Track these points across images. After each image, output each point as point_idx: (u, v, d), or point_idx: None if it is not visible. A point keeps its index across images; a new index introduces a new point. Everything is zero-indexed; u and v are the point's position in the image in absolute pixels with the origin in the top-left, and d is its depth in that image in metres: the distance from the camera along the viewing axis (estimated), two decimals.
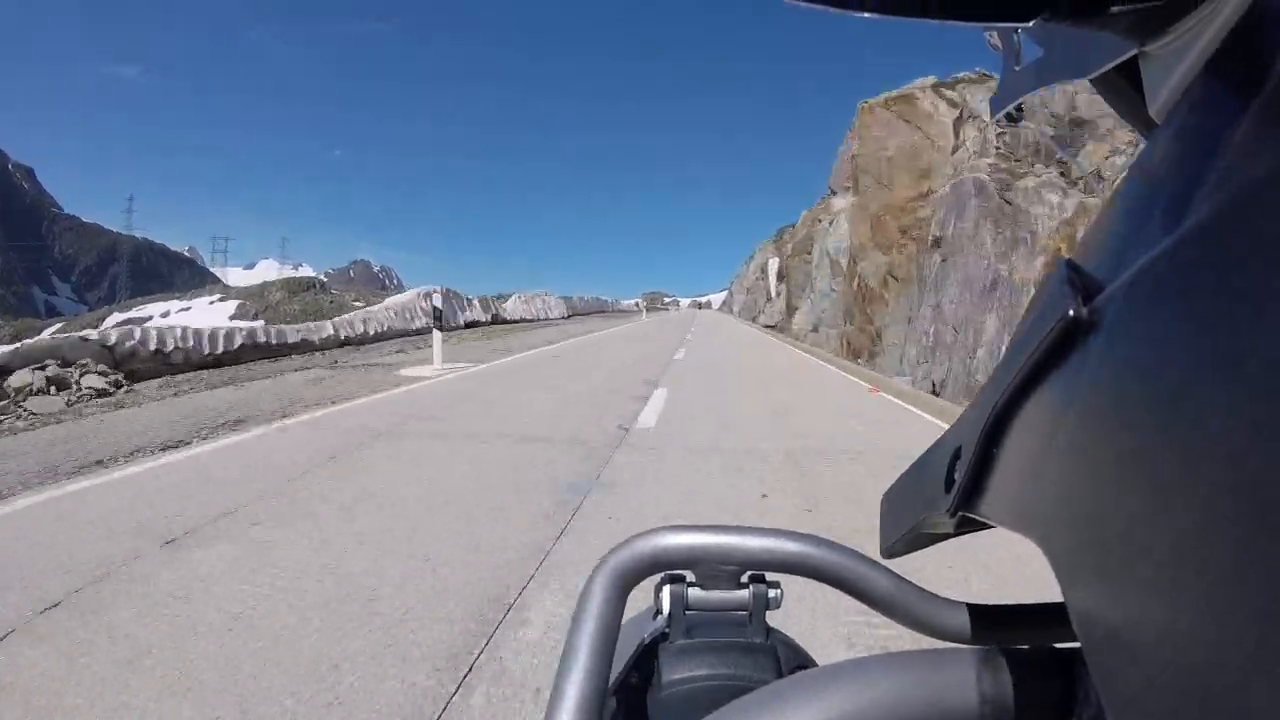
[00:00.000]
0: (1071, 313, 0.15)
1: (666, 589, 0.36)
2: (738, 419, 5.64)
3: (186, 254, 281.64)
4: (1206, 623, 0.10)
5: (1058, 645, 0.23)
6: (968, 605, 0.30)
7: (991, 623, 0.29)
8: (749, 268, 60.76)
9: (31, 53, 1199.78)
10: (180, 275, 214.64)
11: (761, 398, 7.18)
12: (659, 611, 0.37)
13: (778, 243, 49.42)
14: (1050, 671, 0.21)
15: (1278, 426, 0.09)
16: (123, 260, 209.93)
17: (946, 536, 0.27)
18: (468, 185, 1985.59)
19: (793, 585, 0.38)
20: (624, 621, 0.31)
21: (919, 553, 0.30)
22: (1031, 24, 0.21)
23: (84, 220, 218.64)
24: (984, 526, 0.23)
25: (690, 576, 0.35)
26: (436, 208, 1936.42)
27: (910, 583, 0.32)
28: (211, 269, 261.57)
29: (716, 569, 0.33)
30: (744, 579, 0.35)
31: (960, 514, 0.22)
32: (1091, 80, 0.21)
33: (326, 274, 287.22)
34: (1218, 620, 0.10)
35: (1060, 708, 0.21)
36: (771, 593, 0.36)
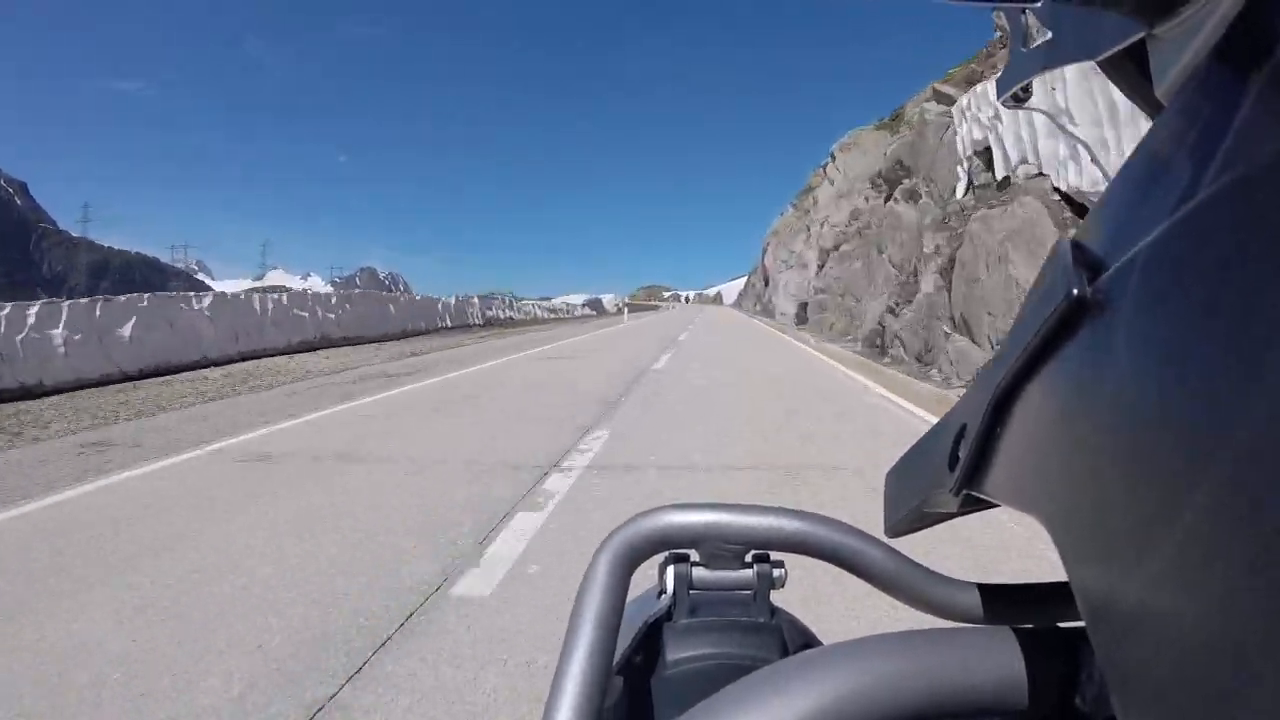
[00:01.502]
0: (1075, 292, 0.15)
1: (670, 568, 0.36)
2: None
3: (194, 268, 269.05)
4: (1211, 604, 0.10)
5: (1061, 624, 0.23)
6: (972, 585, 0.30)
7: (995, 602, 0.29)
8: (819, 199, 25.49)
9: (34, 69, 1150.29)
10: (176, 290, 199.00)
11: None
12: (663, 591, 0.37)
13: (889, 126, 18.98)
14: (1054, 651, 0.21)
15: None
16: (62, 272, 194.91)
17: (950, 516, 0.27)
18: (474, 189, 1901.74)
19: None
20: (628, 601, 0.31)
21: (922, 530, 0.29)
22: (1039, 4, 0.22)
23: (74, 235, 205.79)
24: (988, 505, 0.23)
25: (694, 556, 0.35)
26: (444, 213, 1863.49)
27: (914, 562, 0.31)
28: (214, 281, 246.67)
29: (720, 548, 0.33)
30: (748, 558, 0.35)
31: (964, 493, 0.22)
32: (1099, 62, 0.21)
33: (333, 282, 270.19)
34: (1223, 602, 0.10)
35: (1064, 687, 0.21)
36: (776, 572, 0.36)
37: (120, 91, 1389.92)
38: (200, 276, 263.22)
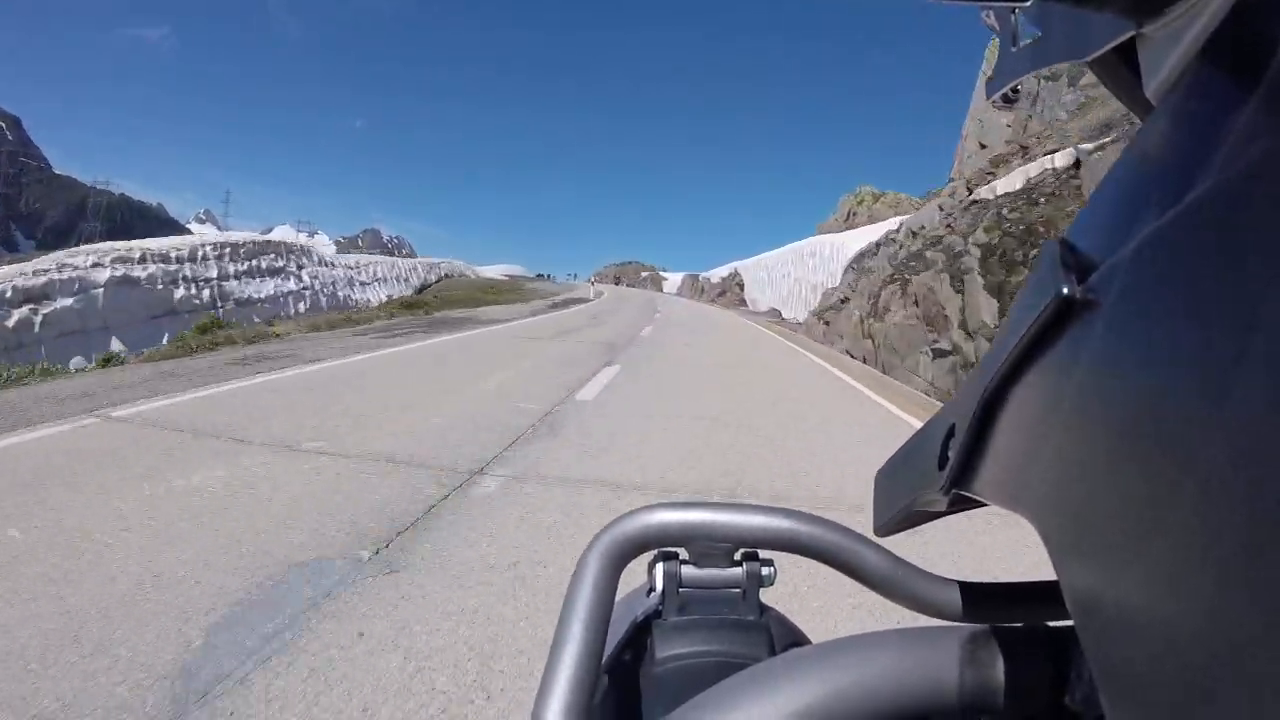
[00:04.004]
0: (1065, 291, 0.15)
1: (660, 566, 0.36)
2: None
3: (202, 217, 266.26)
4: (1202, 604, 0.10)
5: (1051, 624, 0.23)
6: (961, 583, 0.30)
7: (985, 601, 0.29)
8: None
9: (56, 16, 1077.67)
10: (159, 234, 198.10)
11: None
12: (652, 589, 0.37)
13: None
14: (1044, 650, 0.21)
15: (1275, 406, 0.09)
16: (40, 208, 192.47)
17: (940, 514, 0.27)
18: (487, 161, 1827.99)
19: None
20: (618, 599, 0.31)
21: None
22: (1029, 4, 0.22)
23: (56, 171, 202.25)
24: (977, 504, 0.23)
25: (684, 554, 0.35)
26: (448, 184, 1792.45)
27: (904, 560, 0.31)
28: (197, 227, 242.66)
29: (709, 546, 0.33)
30: (737, 556, 0.35)
31: (954, 492, 0.22)
32: (1089, 62, 0.21)
33: (338, 241, 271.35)
34: (1213, 600, 0.10)
35: (1053, 687, 0.21)
36: (765, 570, 0.36)
37: (143, 39, 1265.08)
38: (200, 226, 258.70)
